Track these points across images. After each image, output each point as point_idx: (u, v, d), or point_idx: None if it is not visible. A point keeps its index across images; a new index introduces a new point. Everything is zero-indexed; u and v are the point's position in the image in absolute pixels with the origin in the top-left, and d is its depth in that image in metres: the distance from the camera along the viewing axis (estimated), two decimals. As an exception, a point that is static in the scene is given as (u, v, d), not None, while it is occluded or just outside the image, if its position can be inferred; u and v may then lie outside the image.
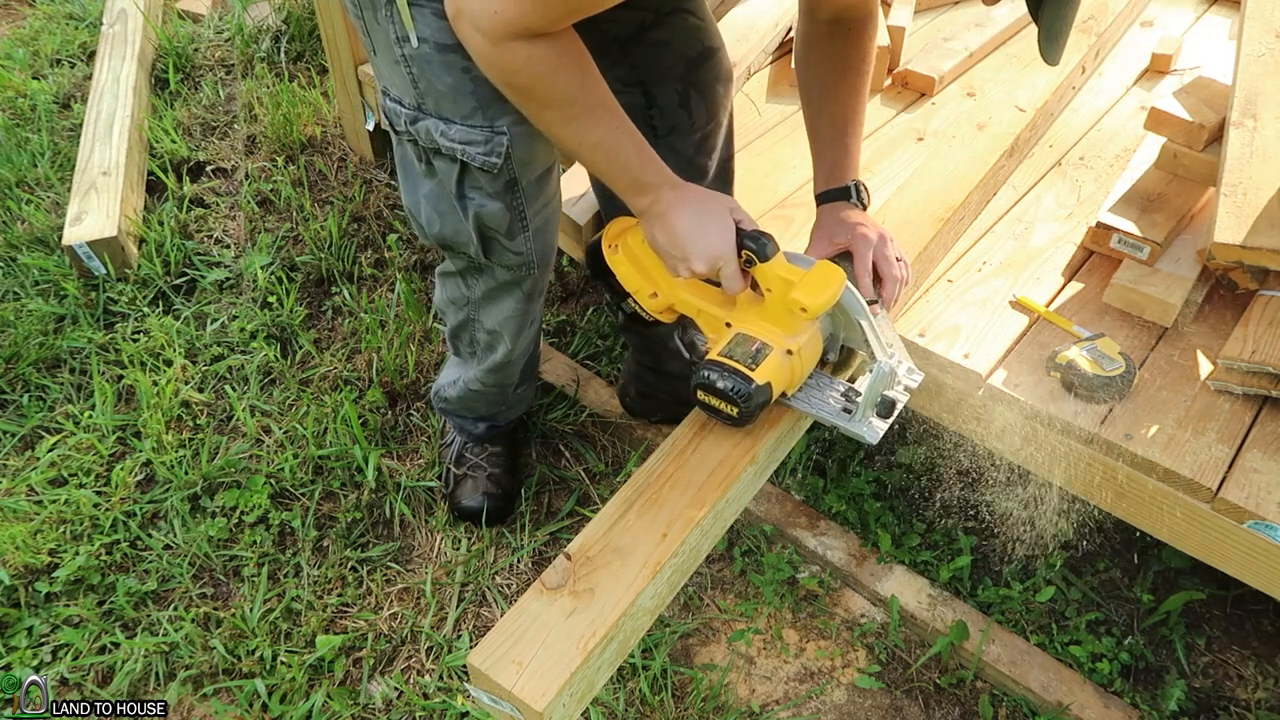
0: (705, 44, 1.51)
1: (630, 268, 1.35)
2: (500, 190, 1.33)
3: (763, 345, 1.23)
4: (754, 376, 1.20)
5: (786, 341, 1.24)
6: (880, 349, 1.26)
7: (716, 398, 1.23)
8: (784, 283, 1.21)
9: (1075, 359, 1.46)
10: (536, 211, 1.39)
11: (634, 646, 1.20)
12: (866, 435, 1.25)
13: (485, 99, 1.24)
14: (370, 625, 1.64)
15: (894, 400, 1.26)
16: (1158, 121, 1.72)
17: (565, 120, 1.18)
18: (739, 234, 1.22)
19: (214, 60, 2.98)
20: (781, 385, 1.25)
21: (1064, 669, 1.55)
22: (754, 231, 1.22)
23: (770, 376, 1.22)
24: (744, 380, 1.20)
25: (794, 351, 1.24)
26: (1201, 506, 1.37)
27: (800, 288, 1.19)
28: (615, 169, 1.22)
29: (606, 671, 1.13)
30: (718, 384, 1.21)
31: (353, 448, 1.87)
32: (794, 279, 1.20)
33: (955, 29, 2.32)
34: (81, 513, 1.77)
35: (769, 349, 1.23)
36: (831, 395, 1.30)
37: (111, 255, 2.20)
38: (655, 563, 1.13)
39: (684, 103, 1.52)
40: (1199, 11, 2.44)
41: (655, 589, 1.14)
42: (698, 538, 1.21)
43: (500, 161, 1.29)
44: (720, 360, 1.23)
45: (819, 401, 1.30)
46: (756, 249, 1.20)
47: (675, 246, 1.23)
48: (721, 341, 1.26)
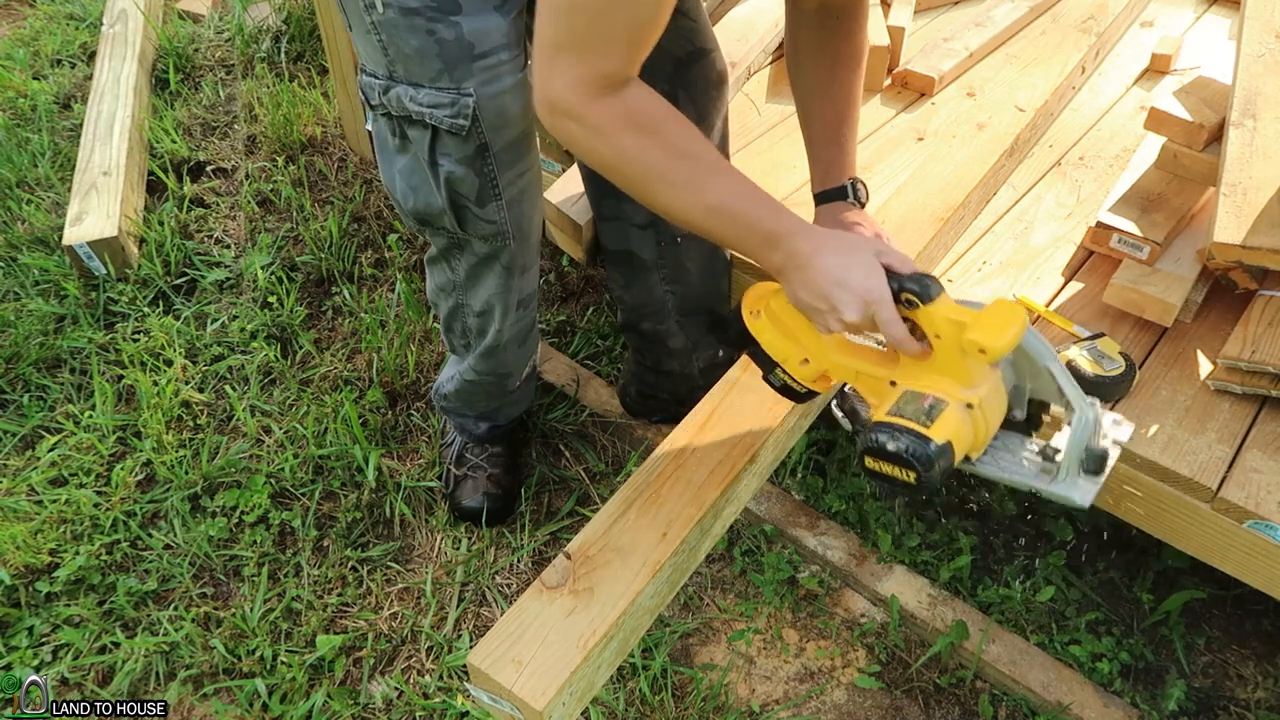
0: (696, 45, 1.50)
1: (776, 334, 1.20)
2: (470, 155, 1.32)
3: (936, 400, 1.06)
4: (931, 435, 1.03)
5: (964, 394, 1.06)
6: (1078, 395, 1.07)
7: (890, 463, 1.05)
8: (954, 325, 1.04)
9: (1075, 359, 1.46)
10: (510, 181, 1.38)
11: (634, 646, 1.20)
12: (1076, 498, 1.07)
13: (451, 60, 1.25)
14: (370, 625, 1.64)
15: (1104, 453, 1.07)
16: (1158, 121, 1.72)
17: (680, 183, 1.10)
18: (894, 276, 1.07)
19: (214, 60, 2.98)
20: (964, 446, 1.07)
21: (1064, 669, 1.55)
22: (914, 274, 1.07)
23: (950, 434, 1.04)
24: (920, 440, 1.03)
25: (974, 405, 1.06)
26: (1201, 506, 1.37)
27: (975, 328, 1.02)
28: (740, 228, 1.12)
29: (606, 671, 1.13)
30: (889, 446, 1.04)
31: (353, 448, 1.87)
32: (966, 320, 1.04)
33: (955, 29, 2.32)
34: (82, 513, 1.77)
35: (944, 404, 1.05)
36: (1025, 454, 1.12)
37: (112, 255, 2.20)
38: (655, 562, 1.13)
39: (671, 103, 1.52)
40: (1199, 11, 2.44)
41: (655, 588, 1.14)
42: (697, 536, 1.21)
43: (468, 124, 1.29)
44: (889, 421, 1.05)
45: (1010, 463, 1.12)
46: (919, 290, 1.04)
47: (820, 298, 1.09)
48: (888, 402, 1.10)
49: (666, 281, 1.69)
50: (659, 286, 1.69)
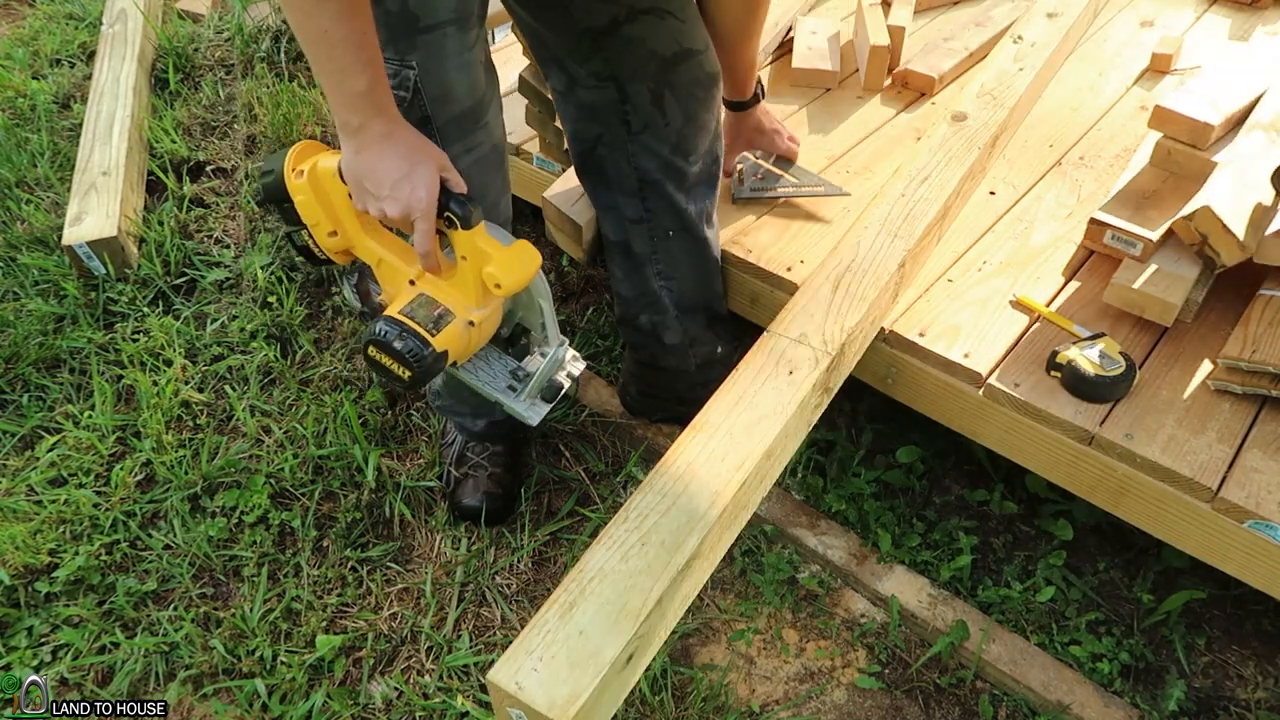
0: (683, 45, 1.50)
1: (313, 197, 1.24)
2: (414, 126, 1.30)
3: (446, 311, 1.18)
4: (434, 343, 1.16)
5: (471, 312, 1.20)
6: (555, 333, 1.25)
7: (390, 357, 1.17)
8: (481, 254, 1.16)
9: (1075, 359, 1.46)
10: (457, 155, 1.37)
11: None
12: (530, 416, 1.24)
13: (395, 31, 1.25)
14: (370, 625, 1.64)
15: (560, 385, 1.25)
16: (1162, 120, 1.71)
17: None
18: (445, 194, 1.15)
19: (214, 60, 2.98)
20: (456, 354, 1.22)
21: (1064, 669, 1.55)
22: (461, 196, 1.16)
23: (449, 345, 1.18)
24: (423, 344, 1.15)
25: (476, 323, 1.20)
26: (1201, 506, 1.37)
27: (498, 263, 1.16)
28: (335, 69, 1.11)
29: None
30: (394, 344, 1.16)
31: (353, 448, 1.87)
32: (492, 252, 1.16)
33: (955, 29, 2.32)
34: (81, 513, 1.77)
35: (451, 316, 1.18)
36: (499, 371, 1.27)
37: (111, 255, 2.20)
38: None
39: (656, 101, 1.52)
40: (1199, 11, 2.44)
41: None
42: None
43: (409, 95, 1.29)
44: (400, 319, 1.17)
45: (486, 375, 1.27)
46: (461, 215, 1.14)
47: (373, 182, 1.15)
48: (402, 299, 1.20)
49: (661, 276, 1.69)
50: (654, 280, 1.69)
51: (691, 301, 1.74)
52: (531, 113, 1.95)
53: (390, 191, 1.14)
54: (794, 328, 1.43)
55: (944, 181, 1.69)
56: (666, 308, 1.72)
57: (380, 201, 1.15)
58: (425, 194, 1.14)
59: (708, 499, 1.19)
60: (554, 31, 1.49)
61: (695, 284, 1.73)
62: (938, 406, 1.60)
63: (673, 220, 1.64)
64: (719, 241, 1.74)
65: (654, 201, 1.62)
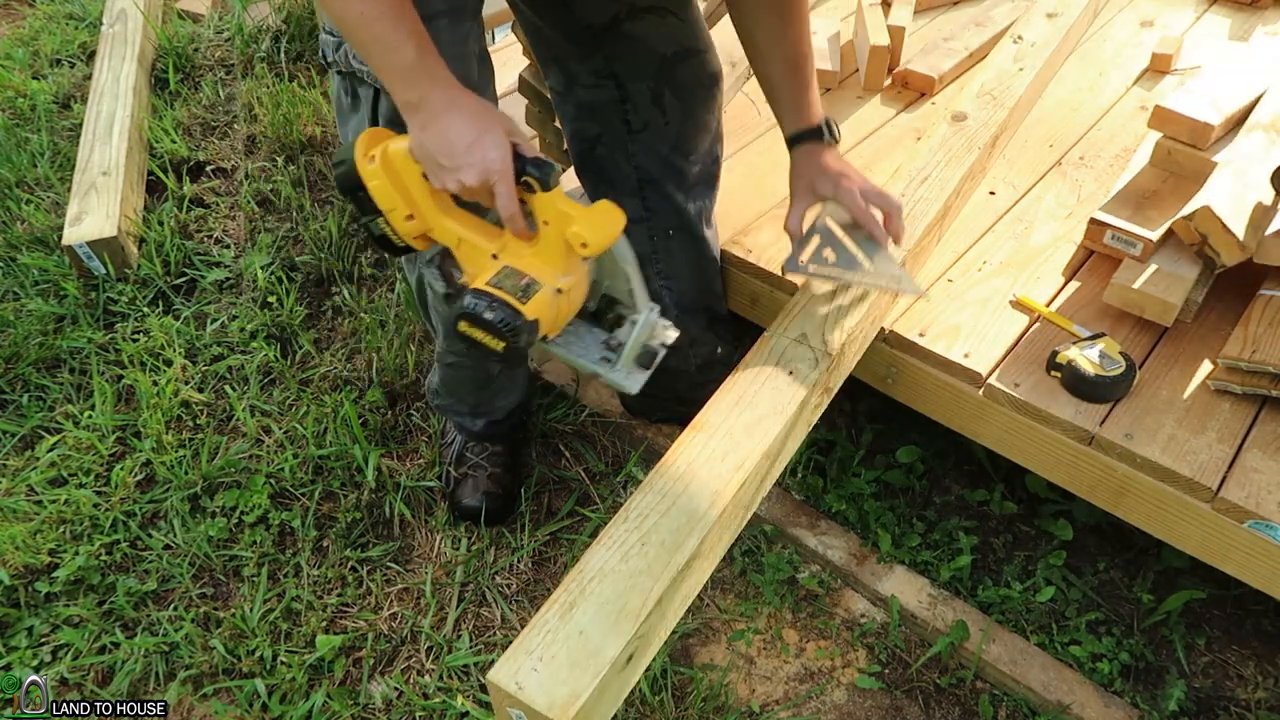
0: (684, 44, 1.50)
1: (387, 181, 1.20)
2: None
3: (532, 281, 1.14)
4: (524, 311, 1.11)
5: (558, 280, 1.15)
6: (645, 299, 1.20)
7: (482, 330, 1.13)
8: (564, 216, 1.12)
9: (1075, 359, 1.46)
10: None
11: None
12: (628, 385, 1.21)
13: None
14: (370, 625, 1.64)
15: (655, 351, 1.21)
16: (1162, 120, 1.71)
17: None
18: (520, 159, 1.11)
19: (214, 60, 2.98)
20: (547, 326, 1.17)
21: (1064, 669, 1.55)
22: (537, 158, 1.11)
23: (540, 313, 1.13)
24: (514, 313, 1.11)
25: (564, 290, 1.16)
26: (1201, 506, 1.37)
27: (582, 222, 1.11)
28: (384, 46, 1.09)
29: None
30: (485, 315, 1.11)
31: (353, 448, 1.87)
32: (574, 214, 1.12)
33: (955, 29, 2.32)
34: (81, 513, 1.77)
35: (539, 285, 1.14)
36: (592, 343, 1.23)
37: (111, 255, 2.20)
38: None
39: (656, 100, 1.52)
40: (1199, 11, 2.44)
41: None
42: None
43: None
44: (488, 290, 1.13)
45: (579, 348, 1.23)
46: (539, 177, 1.10)
47: (445, 154, 1.11)
48: (487, 273, 1.16)
49: (661, 276, 1.69)
50: (654, 280, 1.69)
51: (692, 301, 1.74)
52: (531, 113, 1.95)
53: (465, 159, 1.10)
54: (794, 328, 1.43)
55: (944, 181, 1.69)
56: (667, 308, 1.72)
57: (457, 172, 1.11)
58: (499, 155, 1.09)
59: (708, 499, 1.20)
60: (555, 28, 1.50)
61: (695, 284, 1.73)
62: (938, 406, 1.60)
63: (672, 220, 1.64)
64: (718, 241, 1.74)
65: (654, 201, 1.62)
